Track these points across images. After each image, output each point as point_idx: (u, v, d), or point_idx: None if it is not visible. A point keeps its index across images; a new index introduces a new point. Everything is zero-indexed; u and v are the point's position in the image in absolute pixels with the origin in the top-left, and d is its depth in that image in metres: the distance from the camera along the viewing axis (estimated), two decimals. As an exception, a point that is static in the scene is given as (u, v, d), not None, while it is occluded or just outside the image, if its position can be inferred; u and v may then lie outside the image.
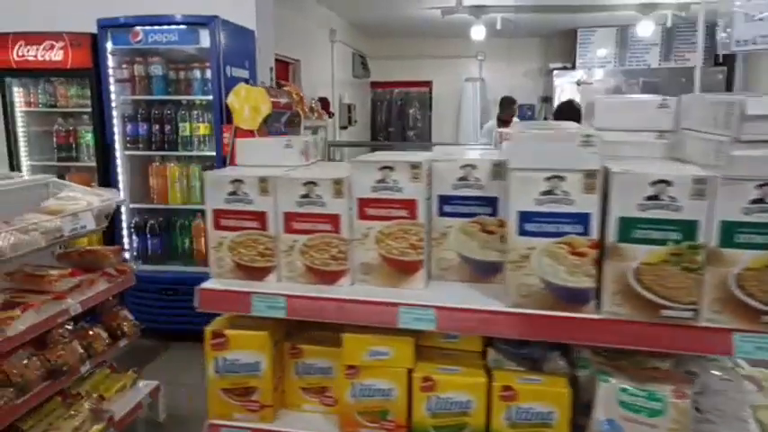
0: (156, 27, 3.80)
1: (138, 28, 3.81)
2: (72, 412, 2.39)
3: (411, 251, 1.35)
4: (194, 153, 4.02)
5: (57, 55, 3.94)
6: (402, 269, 1.37)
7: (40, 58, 3.96)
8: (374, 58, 9.46)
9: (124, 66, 3.97)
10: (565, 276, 1.20)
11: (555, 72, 8.33)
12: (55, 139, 4.23)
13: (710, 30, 7.84)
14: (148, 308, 3.85)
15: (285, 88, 3.96)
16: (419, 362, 1.37)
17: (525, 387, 1.28)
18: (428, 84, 10.05)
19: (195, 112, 3.98)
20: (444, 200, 1.38)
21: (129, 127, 4.02)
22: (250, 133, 3.66)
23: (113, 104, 3.96)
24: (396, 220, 1.34)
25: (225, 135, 3.75)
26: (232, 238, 1.44)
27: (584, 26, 8.05)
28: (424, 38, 9.55)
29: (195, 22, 3.76)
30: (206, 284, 1.44)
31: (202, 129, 3.98)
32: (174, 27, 3.79)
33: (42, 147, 4.31)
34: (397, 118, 10.16)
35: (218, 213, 1.44)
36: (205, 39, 3.77)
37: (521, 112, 9.81)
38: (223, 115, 3.82)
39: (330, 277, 1.41)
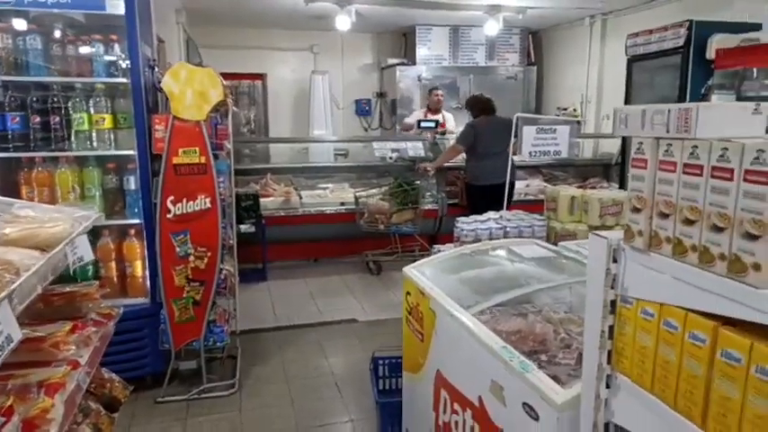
0: (37, -18, 2.78)
1: (4, -19, 2.74)
2: None
3: None
4: (97, 153, 3.07)
5: None
6: None
7: None
8: (202, 46, 8.50)
9: (-22, 33, 2.81)
10: None
11: (397, 68, 8.58)
12: None
13: (524, 34, 9.08)
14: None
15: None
16: None
17: None
18: (262, 76, 9.45)
19: (96, 100, 3.03)
20: None
21: (-10, 119, 2.88)
22: (195, 126, 2.93)
23: (-35, 87, 2.79)
24: None
25: (157, 128, 2.94)
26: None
27: (421, 24, 8.44)
28: (255, 28, 8.94)
29: (101, -20, 2.86)
30: None
31: (108, 121, 3.06)
32: (65, -16, 2.82)
33: None
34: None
35: None
36: (115, 3, 2.90)
37: (358, 106, 9.93)
38: (145, 103, 3.00)
39: None
